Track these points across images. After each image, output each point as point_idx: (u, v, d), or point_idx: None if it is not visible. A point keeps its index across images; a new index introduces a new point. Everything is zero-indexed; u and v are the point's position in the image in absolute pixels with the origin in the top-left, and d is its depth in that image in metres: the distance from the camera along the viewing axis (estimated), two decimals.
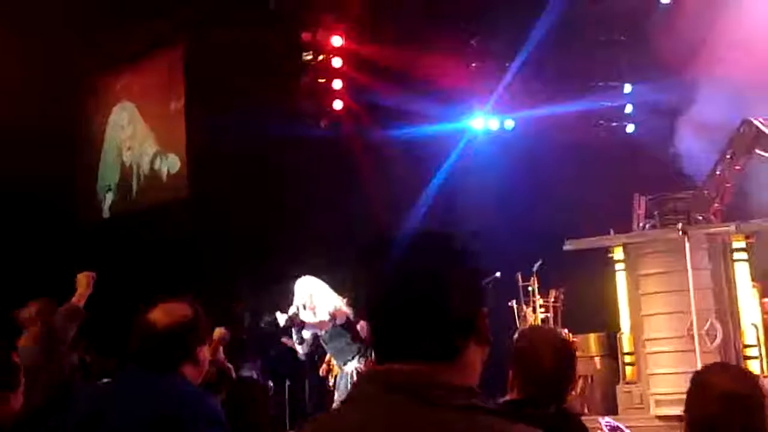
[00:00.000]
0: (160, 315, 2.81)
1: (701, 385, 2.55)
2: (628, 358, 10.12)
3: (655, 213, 10.28)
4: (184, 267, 12.99)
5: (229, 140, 13.18)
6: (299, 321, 8.36)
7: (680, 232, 7.69)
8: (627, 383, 10.07)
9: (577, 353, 6.34)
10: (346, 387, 7.77)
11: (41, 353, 4.51)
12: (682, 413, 8.40)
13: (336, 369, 9.44)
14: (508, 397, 2.74)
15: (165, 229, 13.83)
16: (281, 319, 8.43)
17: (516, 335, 3.20)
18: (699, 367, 7.75)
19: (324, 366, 8.82)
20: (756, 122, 9.64)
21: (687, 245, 7.73)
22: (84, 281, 4.79)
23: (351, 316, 8.03)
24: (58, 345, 4.70)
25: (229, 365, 5.44)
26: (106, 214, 15.93)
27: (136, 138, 15.97)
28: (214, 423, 2.71)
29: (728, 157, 9.90)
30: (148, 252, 13.45)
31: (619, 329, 10.27)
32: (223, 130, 13.34)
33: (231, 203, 13.38)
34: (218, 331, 6.21)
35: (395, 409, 1.43)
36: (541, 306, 10.72)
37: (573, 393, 2.94)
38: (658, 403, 9.66)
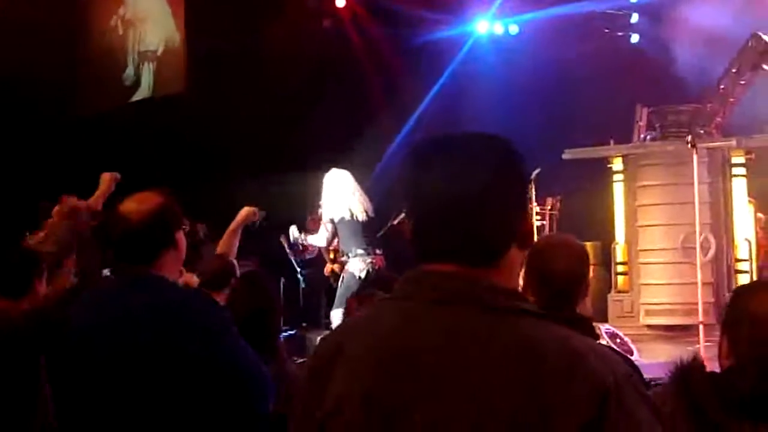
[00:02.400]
0: (133, 206, 2.79)
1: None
2: (620, 268, 10.26)
3: (657, 125, 10.26)
4: (181, 163, 12.98)
5: (229, 37, 13.01)
6: (299, 245, 8.52)
7: (689, 145, 7.69)
8: (618, 292, 10.22)
9: None
10: (348, 284, 7.82)
11: (64, 250, 4.53)
12: (670, 324, 8.40)
13: (332, 267, 9.51)
14: None
15: (164, 123, 13.75)
16: (292, 233, 8.52)
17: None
18: (698, 278, 7.91)
19: (329, 266, 8.87)
20: (765, 37, 9.53)
21: (695, 157, 7.75)
22: (106, 181, 4.75)
23: (360, 215, 8.00)
24: (78, 243, 4.71)
25: (233, 261, 5.45)
26: (105, 105, 15.74)
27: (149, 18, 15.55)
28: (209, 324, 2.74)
29: (733, 71, 9.83)
30: (146, 146, 13.40)
31: (614, 239, 10.37)
32: (223, 25, 13.15)
33: (229, 101, 13.27)
34: (245, 210, 5.77)
35: (443, 311, 1.45)
36: (537, 213, 10.77)
37: (585, 298, 2.94)
38: (647, 312, 9.84)
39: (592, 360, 1.38)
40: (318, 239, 8.39)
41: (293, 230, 8.54)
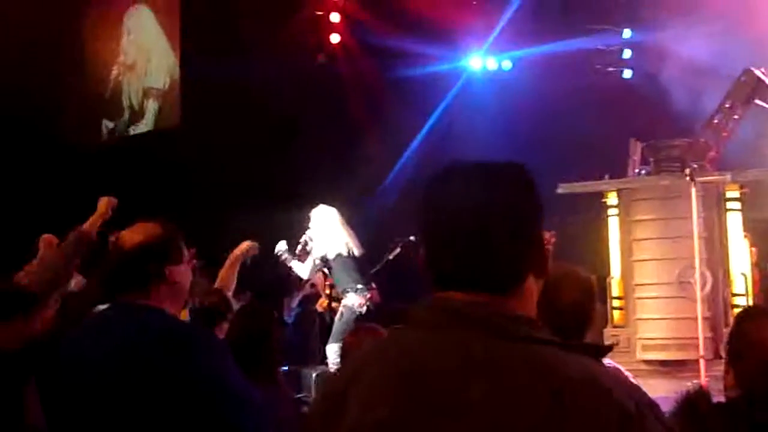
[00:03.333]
0: (128, 235, 2.76)
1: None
2: (616, 303, 10.21)
3: (651, 159, 10.28)
4: (174, 197, 12.95)
5: (223, 71, 13.04)
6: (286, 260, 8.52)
7: (687, 178, 7.73)
8: (615, 327, 10.17)
9: None
10: (347, 320, 7.80)
11: (46, 288, 4.49)
12: (667, 359, 8.38)
13: (325, 303, 9.45)
14: None
15: (155, 158, 13.76)
16: (279, 246, 8.51)
17: None
18: (698, 313, 7.88)
19: (323, 300, 8.86)
20: (757, 72, 9.61)
21: (693, 191, 7.77)
22: (103, 206, 4.71)
23: (356, 250, 8.01)
24: (62, 278, 4.67)
25: (229, 296, 5.43)
26: (103, 138, 15.72)
27: (149, 53, 15.55)
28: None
29: (727, 106, 9.88)
30: (137, 181, 13.38)
31: (609, 274, 10.34)
32: (217, 61, 13.20)
33: (222, 136, 13.28)
34: (244, 244, 5.98)
35: (461, 338, 1.42)
36: None
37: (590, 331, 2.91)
38: (644, 347, 9.78)
39: (614, 388, 1.36)
40: (302, 269, 8.39)
41: (281, 244, 8.56)
